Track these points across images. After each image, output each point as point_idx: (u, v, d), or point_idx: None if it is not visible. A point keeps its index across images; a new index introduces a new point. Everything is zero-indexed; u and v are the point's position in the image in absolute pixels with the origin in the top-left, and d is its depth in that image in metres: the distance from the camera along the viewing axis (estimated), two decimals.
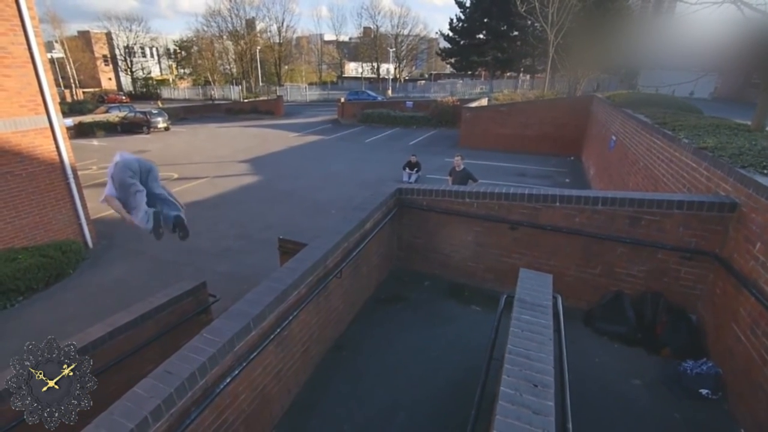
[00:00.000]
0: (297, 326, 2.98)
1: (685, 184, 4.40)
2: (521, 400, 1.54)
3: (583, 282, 4.01)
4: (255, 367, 2.58)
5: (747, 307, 2.97)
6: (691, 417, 2.95)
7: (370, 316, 4.13)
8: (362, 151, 17.75)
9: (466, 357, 3.48)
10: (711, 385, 3.10)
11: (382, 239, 4.46)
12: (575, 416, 2.19)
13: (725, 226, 3.36)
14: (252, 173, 14.08)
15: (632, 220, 3.63)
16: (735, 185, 3.37)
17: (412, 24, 57.01)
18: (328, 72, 64.87)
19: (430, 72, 64.08)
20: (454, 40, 42.96)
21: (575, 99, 16.41)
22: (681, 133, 4.97)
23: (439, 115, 22.76)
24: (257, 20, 53.37)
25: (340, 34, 63.47)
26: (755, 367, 2.79)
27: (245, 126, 26.29)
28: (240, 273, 7.11)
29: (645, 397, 3.12)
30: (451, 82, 45.35)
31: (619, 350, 3.58)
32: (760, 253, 2.93)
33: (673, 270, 3.62)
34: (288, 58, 56.53)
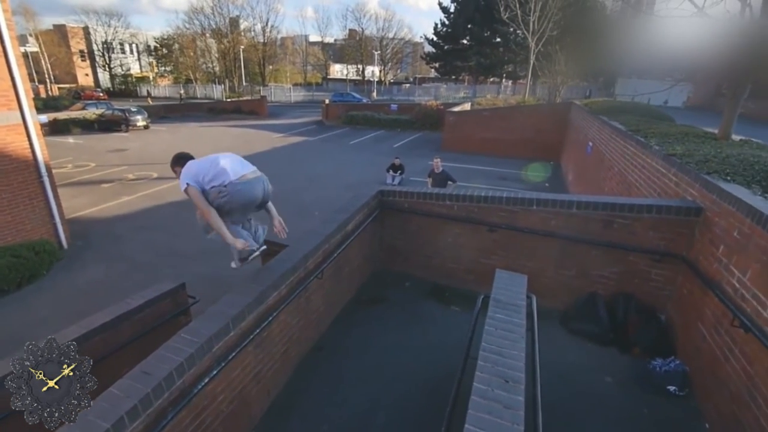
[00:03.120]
0: (277, 327, 2.98)
1: (656, 189, 4.58)
2: (493, 395, 1.59)
3: (559, 283, 4.13)
4: (234, 367, 2.58)
5: (711, 307, 3.12)
6: (659, 413, 3.07)
7: (351, 316, 4.16)
8: (347, 153, 17.75)
9: (445, 356, 3.53)
10: (678, 382, 3.24)
11: (364, 241, 4.50)
12: (549, 412, 2.26)
13: (692, 229, 3.52)
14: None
15: (605, 223, 3.77)
16: (701, 191, 3.53)
17: (397, 27, 57.58)
18: (313, 73, 64.63)
19: (415, 75, 64.57)
20: (439, 44, 43.47)
21: (555, 105, 16.81)
22: (652, 140, 5.17)
23: (423, 118, 22.96)
24: (241, 19, 52.86)
25: (325, 35, 63.39)
26: (719, 365, 2.93)
27: (228, 126, 25.94)
28: (221, 275, 6.98)
29: (616, 393, 3.23)
30: (435, 86, 45.80)
31: (592, 349, 3.70)
32: (723, 256, 3.08)
33: (644, 272, 3.77)
34: (272, 59, 56.09)
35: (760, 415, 2.45)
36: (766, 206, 2.83)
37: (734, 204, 3.00)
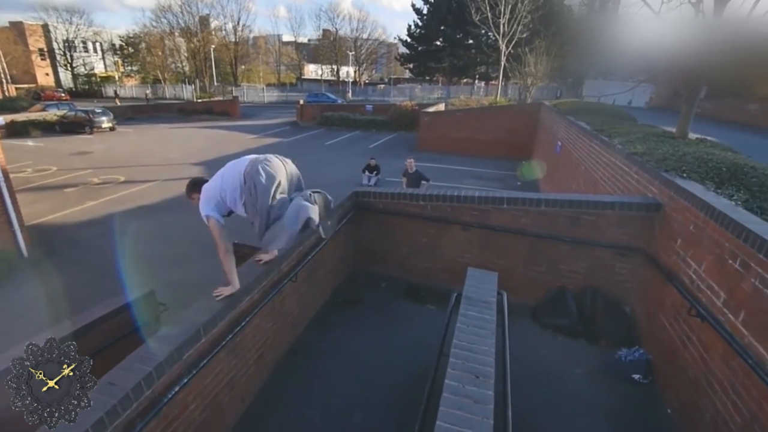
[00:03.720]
0: (250, 332, 2.94)
1: (619, 186, 4.78)
2: (463, 391, 1.63)
3: (530, 279, 4.25)
4: (205, 375, 2.52)
5: (671, 298, 3.28)
6: (626, 400, 3.21)
7: (327, 319, 4.14)
8: (322, 154, 17.63)
9: (421, 354, 3.57)
10: (642, 371, 3.39)
11: (339, 242, 4.49)
12: (521, 404, 2.33)
13: (652, 224, 3.70)
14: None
15: (572, 220, 3.90)
16: (660, 187, 3.71)
17: (371, 28, 57.57)
18: (287, 73, 63.80)
19: (390, 76, 64.81)
20: (412, 46, 43.80)
21: (525, 106, 17.25)
22: (616, 140, 5.39)
23: (398, 119, 23.07)
24: (211, 18, 51.61)
25: (298, 35, 62.73)
26: (678, 353, 3.09)
27: (199, 127, 25.29)
28: (193, 280, 6.83)
29: (585, 384, 3.36)
30: (410, 87, 46.12)
31: (562, 342, 3.82)
32: (680, 249, 3.25)
33: (609, 266, 3.93)
34: (244, 58, 55.03)
35: (716, 399, 2.60)
36: (718, 201, 3.01)
37: (689, 200, 3.17)
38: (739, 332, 2.45)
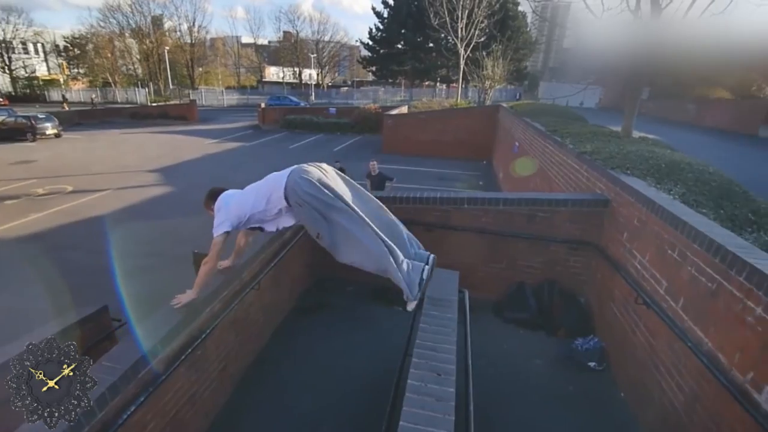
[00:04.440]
0: (212, 344, 2.85)
1: (572, 184, 5.03)
2: (426, 390, 1.67)
3: (491, 276, 4.38)
4: (165, 391, 2.42)
5: (620, 287, 3.49)
6: (583, 387, 3.38)
7: (294, 326, 4.09)
8: (286, 158, 17.34)
9: (389, 357, 3.59)
10: (597, 358, 3.58)
11: (304, 248, 4.44)
12: (484, 398, 2.40)
13: (601, 219, 3.92)
14: (163, 183, 13.02)
15: (528, 217, 4.07)
16: (607, 184, 3.94)
17: (332, 30, 57.18)
18: (247, 76, 62.29)
19: (353, 79, 64.78)
20: (374, 49, 44.02)
21: (485, 108, 17.77)
22: (567, 140, 5.67)
23: (363, 121, 23.10)
24: (165, 18, 49.56)
25: (258, 37, 61.41)
26: (628, 339, 3.29)
27: (154, 132, 24.19)
28: (150, 293, 6.52)
29: (545, 374, 3.51)
30: (374, 90, 46.34)
31: (523, 335, 3.97)
32: (626, 241, 3.47)
33: (564, 260, 4.13)
34: (202, 60, 53.21)
35: (661, 380, 2.79)
36: (658, 196, 3.24)
37: (633, 195, 3.39)
38: (680, 317, 2.65)
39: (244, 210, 2.44)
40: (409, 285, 2.27)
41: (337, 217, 2.25)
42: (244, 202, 2.46)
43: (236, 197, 2.53)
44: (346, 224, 2.25)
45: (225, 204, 2.50)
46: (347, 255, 2.38)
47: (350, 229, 2.25)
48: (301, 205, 2.26)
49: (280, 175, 2.39)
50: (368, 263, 2.35)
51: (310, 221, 2.32)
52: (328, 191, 2.25)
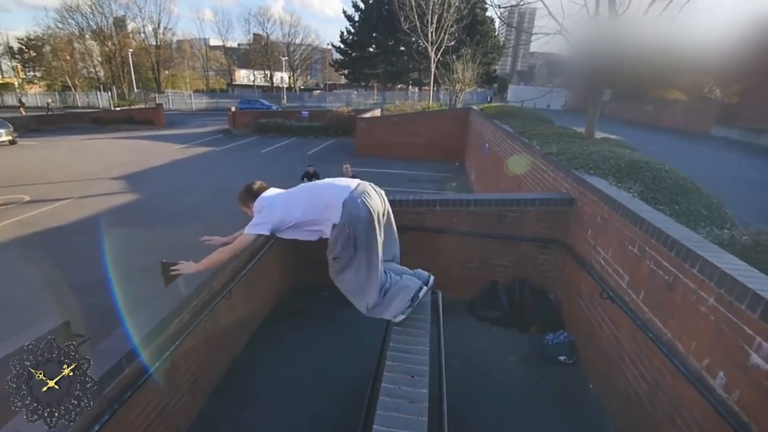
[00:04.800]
0: (182, 357, 2.77)
1: (539, 184, 5.19)
2: (399, 392, 1.68)
3: (465, 276, 4.45)
4: (132, 408, 2.33)
5: (586, 283, 3.62)
6: (554, 381, 3.48)
7: (269, 333, 4.02)
8: (258, 162, 17.07)
9: (365, 360, 3.59)
10: (567, 352, 3.70)
11: (278, 253, 4.38)
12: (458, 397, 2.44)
13: (567, 218, 4.06)
14: (128, 191, 12.54)
15: (499, 217, 4.17)
16: (572, 184, 4.09)
17: (304, 33, 56.80)
18: (217, 79, 60.94)
19: (326, 82, 64.49)
20: (346, 52, 44.05)
21: (456, 111, 18.07)
22: (534, 141, 5.85)
23: (336, 125, 23.04)
24: (128, 19, 47.87)
25: (227, 39, 60.20)
26: (595, 333, 3.42)
27: (118, 138, 23.29)
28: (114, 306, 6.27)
29: (518, 370, 3.59)
30: (347, 93, 46.32)
31: (497, 332, 4.06)
32: (591, 239, 3.61)
33: (534, 258, 4.25)
34: (168, 63, 51.70)
35: (627, 371, 2.91)
36: (619, 194, 3.38)
37: (596, 194, 3.53)
38: (641, 309, 2.78)
39: (292, 215, 2.33)
40: (386, 312, 2.43)
41: (363, 254, 2.28)
42: (292, 207, 2.34)
43: (282, 199, 2.41)
44: (364, 264, 2.30)
45: (270, 205, 2.38)
46: (345, 284, 2.48)
47: (363, 269, 2.31)
48: (347, 230, 2.23)
49: (340, 187, 2.33)
50: (358, 302, 2.51)
51: (340, 244, 2.29)
52: (376, 225, 2.28)
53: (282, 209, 2.34)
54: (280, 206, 2.36)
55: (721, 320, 2.06)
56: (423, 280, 2.59)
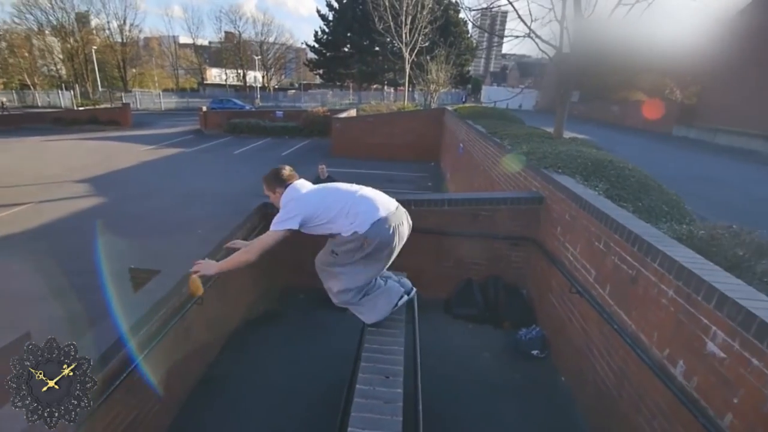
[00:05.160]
0: (151, 366, 2.68)
1: (511, 183, 5.30)
2: (374, 393, 1.68)
3: (440, 275, 4.50)
4: (99, 421, 2.24)
5: (556, 278, 3.73)
6: (527, 375, 3.58)
7: (243, 339, 3.94)
8: (231, 164, 16.70)
9: (341, 363, 3.58)
10: (539, 346, 3.80)
11: None
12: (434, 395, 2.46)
13: (538, 215, 4.17)
14: (93, 195, 12.02)
15: (472, 217, 4.24)
16: (542, 183, 4.21)
17: (277, 32, 56.01)
18: (187, 78, 59.22)
19: (300, 81, 63.82)
20: (321, 51, 43.71)
21: (431, 111, 18.24)
22: (506, 141, 5.98)
23: (311, 125, 22.82)
24: (91, 15, 45.87)
25: (197, 37, 58.61)
26: (565, 326, 3.53)
27: (82, 139, 22.29)
28: (82, 315, 6.01)
29: (493, 365, 3.66)
30: (322, 93, 46.00)
31: (472, 329, 4.13)
32: (560, 235, 3.72)
33: (506, 255, 4.34)
34: (135, 61, 49.89)
35: (595, 362, 3.02)
36: (585, 192, 3.50)
37: (564, 192, 3.65)
38: (607, 303, 2.88)
39: (324, 215, 2.22)
40: (365, 314, 2.45)
41: (362, 267, 2.32)
42: (328, 207, 2.23)
43: (317, 196, 2.29)
44: (358, 272, 2.34)
45: (301, 198, 2.26)
46: (326, 275, 2.52)
47: (352, 275, 2.35)
48: (365, 246, 2.21)
49: (378, 205, 2.31)
50: (331, 289, 2.53)
51: (350, 249, 2.27)
52: (392, 254, 2.39)
53: (314, 206, 2.23)
54: (313, 203, 2.25)
55: (680, 311, 2.16)
56: (406, 289, 2.62)
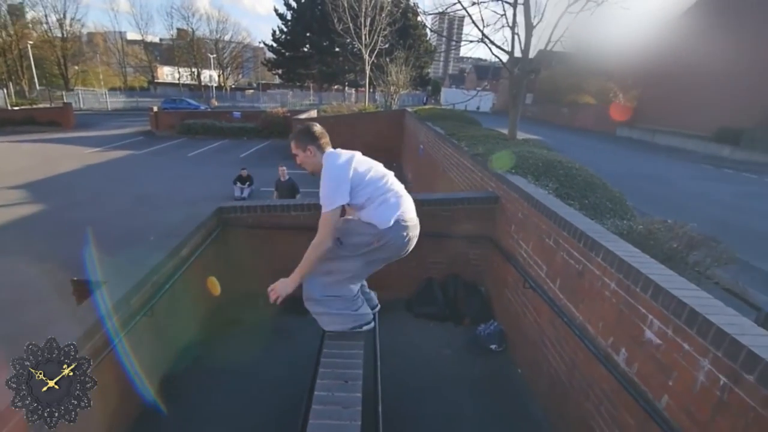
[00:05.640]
0: (95, 389, 2.51)
1: (469, 183, 5.45)
2: (332, 399, 1.67)
3: (403, 275, 4.53)
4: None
5: (511, 275, 3.87)
6: (486, 369, 3.68)
7: (201, 349, 3.79)
8: (185, 167, 16.01)
9: (303, 369, 3.53)
10: (497, 341, 3.93)
11: (206, 264, 4.14)
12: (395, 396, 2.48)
13: (493, 215, 4.31)
14: (31, 201, 11.11)
15: (432, 217, 4.31)
16: (497, 183, 4.35)
17: (233, 30, 54.34)
18: (136, 76, 56.13)
19: (259, 81, 62.25)
20: (279, 51, 42.88)
21: (391, 112, 18.37)
22: (463, 143, 6.14)
23: (270, 126, 22.32)
24: (26, 8, 42.41)
25: (146, 33, 55.69)
26: (521, 320, 3.67)
27: (17, 141, 20.55)
28: (19, 332, 5.53)
29: (453, 362, 3.75)
30: (282, 93, 45.13)
31: (433, 328, 4.20)
32: (514, 233, 3.86)
33: (465, 254, 4.46)
34: (77, 58, 46.61)
35: (548, 354, 3.17)
36: (536, 192, 3.66)
37: (517, 192, 3.79)
38: (557, 297, 3.03)
39: (366, 191, 2.02)
40: (324, 319, 2.40)
41: (359, 262, 2.23)
42: (369, 182, 2.05)
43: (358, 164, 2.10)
44: (349, 268, 2.26)
45: (344, 164, 2.04)
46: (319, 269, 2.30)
47: (342, 270, 2.29)
48: (375, 242, 2.10)
49: (403, 205, 2.17)
50: (313, 291, 2.40)
51: (358, 241, 2.16)
52: (393, 259, 2.29)
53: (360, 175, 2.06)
54: (358, 170, 2.07)
55: (622, 302, 2.32)
56: (372, 313, 2.55)
